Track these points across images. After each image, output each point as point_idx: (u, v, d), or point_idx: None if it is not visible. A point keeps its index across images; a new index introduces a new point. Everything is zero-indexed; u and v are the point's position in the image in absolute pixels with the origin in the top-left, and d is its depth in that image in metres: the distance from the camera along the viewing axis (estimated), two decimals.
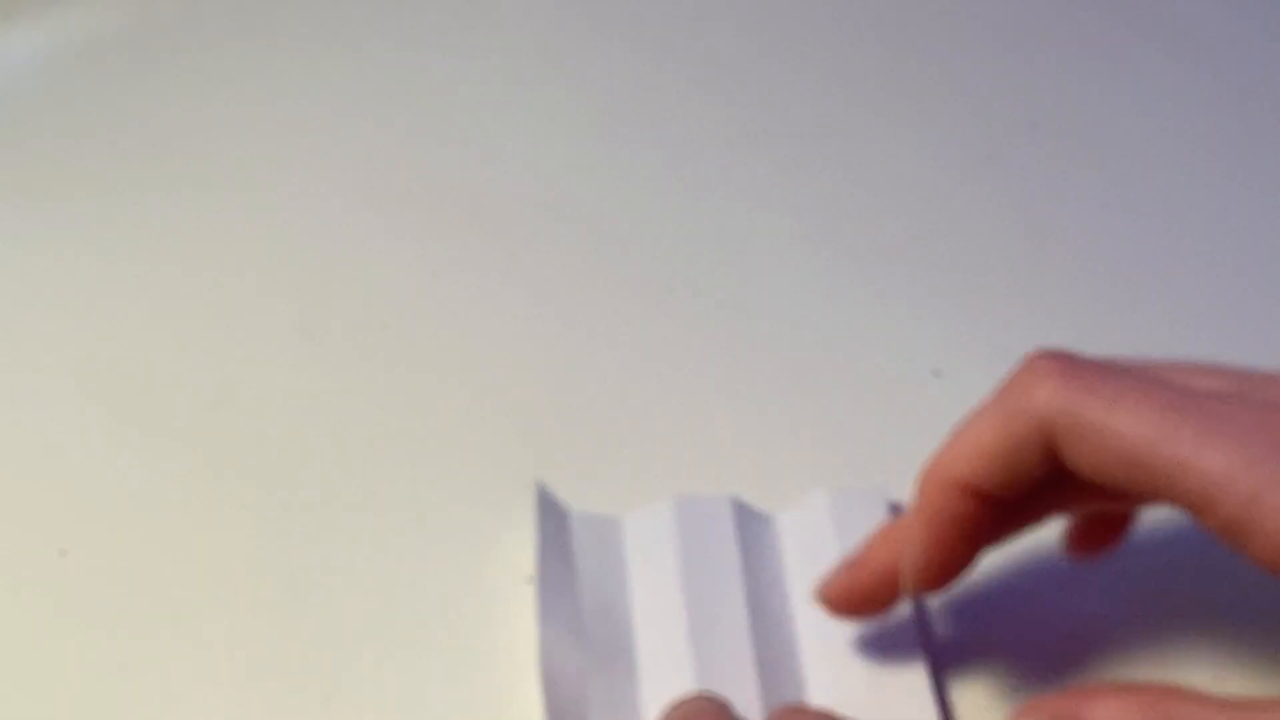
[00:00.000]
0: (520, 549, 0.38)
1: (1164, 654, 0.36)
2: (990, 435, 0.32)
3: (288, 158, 0.52)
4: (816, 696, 0.35)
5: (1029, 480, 0.32)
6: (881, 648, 0.36)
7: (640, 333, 0.45)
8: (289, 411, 0.43)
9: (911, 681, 0.35)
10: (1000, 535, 0.34)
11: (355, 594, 0.38)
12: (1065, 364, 0.32)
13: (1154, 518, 0.37)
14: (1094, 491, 0.32)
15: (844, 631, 0.36)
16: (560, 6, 0.60)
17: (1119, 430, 0.30)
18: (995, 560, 0.37)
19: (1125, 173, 0.51)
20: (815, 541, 0.38)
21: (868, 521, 0.37)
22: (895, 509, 0.38)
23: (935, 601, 0.37)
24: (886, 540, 0.35)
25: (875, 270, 0.47)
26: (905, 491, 0.35)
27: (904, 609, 0.36)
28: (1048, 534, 0.36)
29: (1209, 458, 0.29)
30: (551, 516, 0.38)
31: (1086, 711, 0.31)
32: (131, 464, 0.41)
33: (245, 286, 0.47)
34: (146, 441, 0.42)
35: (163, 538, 0.39)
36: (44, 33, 0.59)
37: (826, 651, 0.36)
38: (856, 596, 0.35)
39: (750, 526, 0.38)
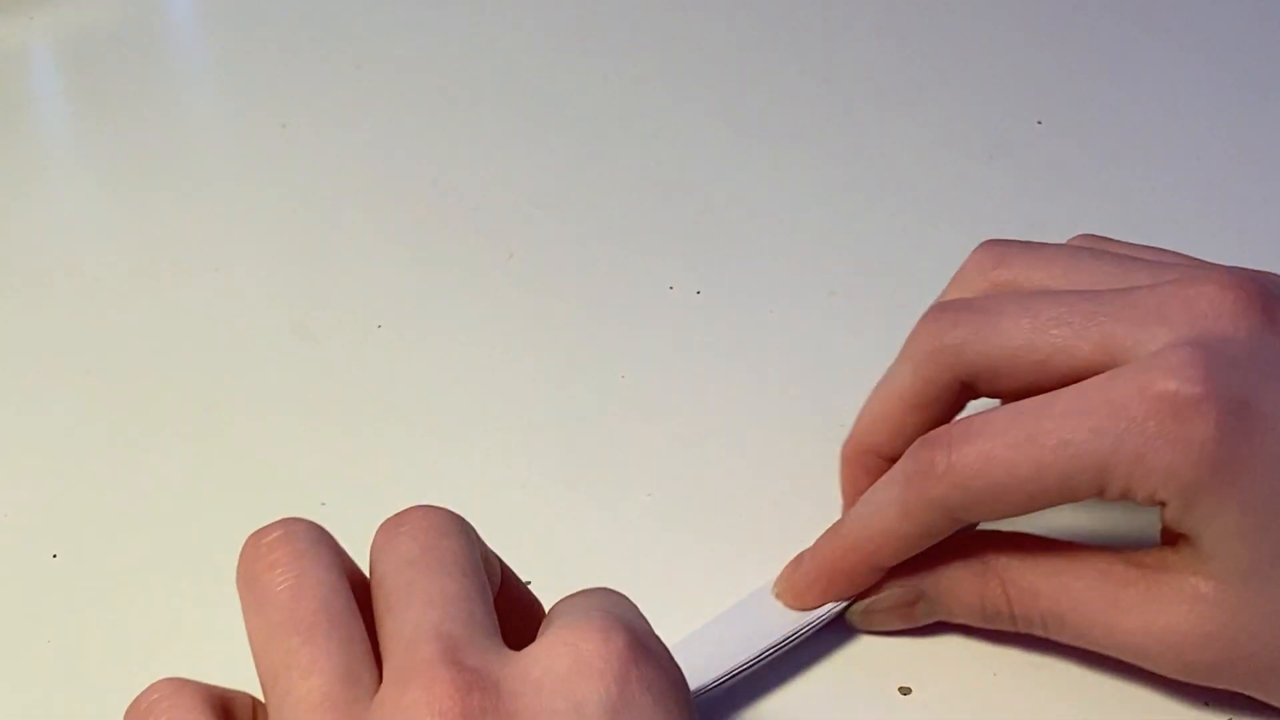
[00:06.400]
0: (520, 547, 0.38)
1: None
2: (900, 400, 0.32)
3: (285, 157, 0.52)
4: None
5: (950, 415, 0.32)
6: None
7: (638, 332, 0.45)
8: (285, 412, 0.43)
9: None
10: None
11: None
12: (960, 306, 0.33)
13: None
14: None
15: None
16: (561, 5, 0.60)
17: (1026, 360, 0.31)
18: None
19: (1130, 170, 0.51)
20: None
21: None
22: None
23: None
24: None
25: (876, 269, 0.47)
26: None
27: None
28: None
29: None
30: None
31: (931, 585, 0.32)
32: (125, 467, 0.41)
33: (241, 286, 0.47)
34: (141, 443, 0.42)
35: (157, 540, 0.39)
36: (42, 30, 0.59)
37: None
38: (815, 590, 0.34)
39: None
